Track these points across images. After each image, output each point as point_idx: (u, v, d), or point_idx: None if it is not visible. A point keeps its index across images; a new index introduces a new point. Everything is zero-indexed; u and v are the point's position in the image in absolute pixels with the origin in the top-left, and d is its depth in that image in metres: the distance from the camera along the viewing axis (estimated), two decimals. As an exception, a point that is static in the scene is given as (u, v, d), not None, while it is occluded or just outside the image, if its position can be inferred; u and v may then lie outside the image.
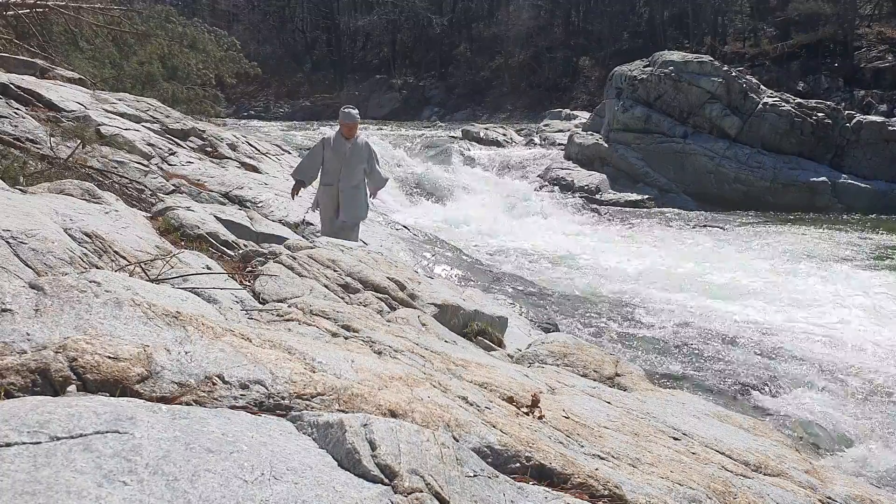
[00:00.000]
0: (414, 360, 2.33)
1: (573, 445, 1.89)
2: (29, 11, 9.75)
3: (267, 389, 1.59)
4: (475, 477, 1.43)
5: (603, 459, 1.85)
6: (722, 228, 13.49)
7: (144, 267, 2.80)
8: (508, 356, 3.55)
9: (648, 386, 3.27)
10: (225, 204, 5.75)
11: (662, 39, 31.50)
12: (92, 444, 1.15)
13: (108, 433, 1.19)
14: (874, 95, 23.10)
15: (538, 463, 1.65)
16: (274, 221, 5.55)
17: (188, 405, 1.45)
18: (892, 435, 4.81)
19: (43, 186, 3.78)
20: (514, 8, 39.12)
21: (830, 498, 2.16)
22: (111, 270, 2.57)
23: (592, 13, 37.90)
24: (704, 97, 17.31)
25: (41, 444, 1.12)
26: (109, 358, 1.50)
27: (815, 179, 16.27)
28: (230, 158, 7.66)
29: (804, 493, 2.10)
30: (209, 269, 3.11)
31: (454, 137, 19.88)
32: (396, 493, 1.29)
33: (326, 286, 3.42)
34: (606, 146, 17.92)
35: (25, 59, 8.65)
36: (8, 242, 2.38)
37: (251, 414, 1.47)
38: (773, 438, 2.66)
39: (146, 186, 5.27)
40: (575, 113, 23.89)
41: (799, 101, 17.62)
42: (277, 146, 9.88)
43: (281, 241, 4.49)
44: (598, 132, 18.79)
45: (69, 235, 2.80)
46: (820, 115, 16.93)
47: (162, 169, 6.19)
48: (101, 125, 6.35)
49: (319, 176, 6.05)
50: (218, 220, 4.41)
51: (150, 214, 4.16)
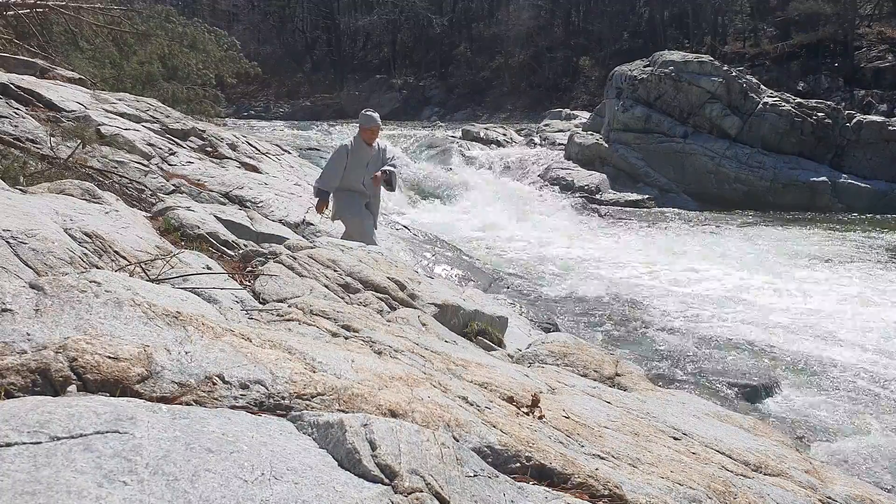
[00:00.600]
0: (414, 360, 2.33)
1: (573, 445, 1.89)
2: (29, 11, 9.75)
3: (267, 389, 1.59)
4: (475, 477, 1.43)
5: (603, 459, 1.85)
6: (721, 228, 13.49)
7: (144, 267, 2.80)
8: (508, 356, 3.55)
9: (648, 386, 3.27)
10: (225, 204, 5.75)
11: (662, 39, 31.50)
12: (92, 444, 1.15)
13: (108, 433, 1.19)
14: (874, 95, 23.09)
15: (538, 463, 1.65)
16: (274, 221, 5.55)
17: (188, 405, 1.45)
18: (892, 435, 4.81)
19: (43, 186, 3.78)
20: (514, 8, 39.13)
21: (830, 498, 2.16)
22: (111, 270, 2.57)
23: (592, 13, 37.90)
24: (704, 97, 17.31)
25: (41, 444, 1.12)
26: (109, 358, 1.50)
27: (815, 179, 16.27)
28: (230, 158, 7.66)
29: (804, 493, 2.10)
30: (209, 269, 3.11)
31: (454, 137, 19.88)
32: (396, 492, 1.29)
33: (326, 286, 3.42)
34: (606, 146, 17.92)
35: (25, 59, 8.65)
36: (8, 242, 2.38)
37: (251, 414, 1.47)
38: (773, 438, 2.66)
39: (146, 186, 5.27)
40: (575, 113, 23.88)
41: (799, 101, 17.62)
42: (277, 146, 9.88)
43: (281, 241, 4.50)
44: (598, 132, 18.79)
45: (69, 235, 2.80)
46: (820, 115, 16.93)
47: (162, 169, 6.19)
48: (101, 125, 6.35)
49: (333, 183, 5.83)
50: (218, 220, 4.41)
51: (150, 214, 4.16)
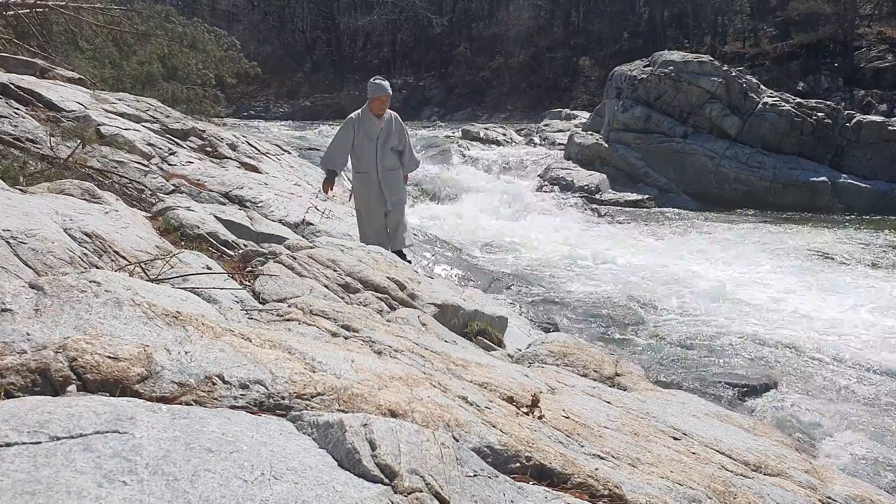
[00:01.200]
0: (414, 359, 2.33)
1: (573, 445, 1.89)
2: (29, 11, 9.75)
3: (267, 389, 1.59)
4: (475, 477, 1.43)
5: (603, 459, 1.85)
6: (721, 228, 13.50)
7: (144, 267, 2.80)
8: (508, 356, 3.55)
9: (648, 386, 3.28)
10: (225, 204, 5.75)
11: (662, 39, 31.49)
12: (92, 443, 1.15)
13: (108, 433, 1.19)
14: (874, 95, 23.08)
15: (538, 463, 1.65)
16: (274, 221, 5.55)
17: (188, 405, 1.45)
18: (892, 434, 4.81)
19: (43, 186, 3.78)
20: (514, 8, 39.12)
21: (830, 498, 2.16)
22: (111, 270, 2.57)
23: (592, 13, 37.89)
24: (704, 97, 17.31)
25: (41, 444, 1.12)
26: (109, 358, 1.50)
27: (815, 179, 16.27)
28: (230, 158, 7.66)
29: (804, 492, 2.10)
30: (209, 269, 3.11)
31: (454, 137, 19.88)
32: (396, 492, 1.29)
33: (326, 286, 3.42)
34: (606, 146, 17.92)
35: (25, 58, 8.64)
36: (8, 242, 2.38)
37: (251, 414, 1.47)
38: (773, 438, 2.66)
39: (146, 186, 5.27)
40: (575, 113, 23.88)
41: (799, 100, 17.61)
42: (277, 146, 9.88)
43: (281, 240, 4.50)
44: (598, 132, 18.78)
45: (69, 235, 2.80)
46: (820, 114, 16.92)
47: (162, 169, 6.19)
48: (101, 125, 6.35)
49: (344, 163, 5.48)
50: (218, 220, 4.41)
51: (150, 214, 4.16)
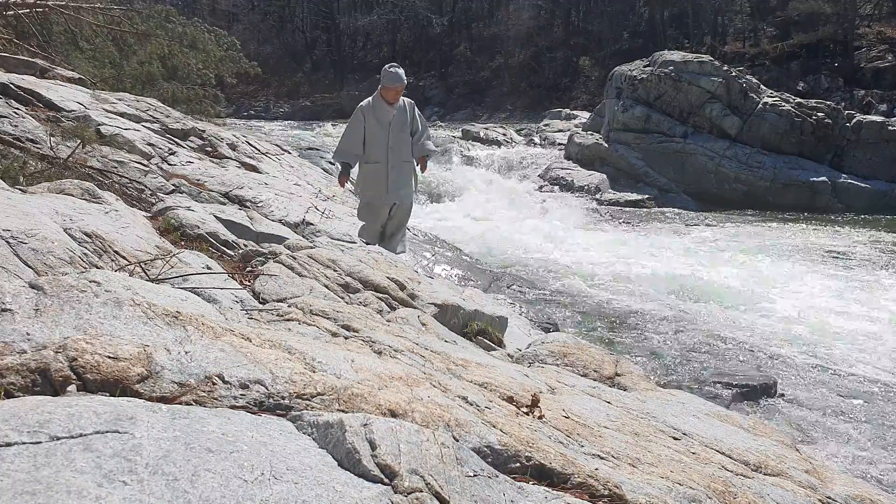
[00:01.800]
0: (414, 359, 2.33)
1: (573, 445, 1.89)
2: (29, 11, 9.75)
3: (267, 389, 1.59)
4: (475, 477, 1.43)
5: (603, 459, 1.85)
6: (721, 228, 13.50)
7: (144, 267, 2.80)
8: (508, 356, 3.55)
9: (648, 386, 3.27)
10: (225, 204, 5.75)
11: (662, 39, 31.48)
12: (92, 443, 1.15)
13: (108, 433, 1.19)
14: (874, 95, 23.08)
15: (538, 463, 1.65)
16: (274, 221, 5.54)
17: (188, 405, 1.45)
18: (892, 434, 4.81)
19: (43, 186, 3.78)
20: (514, 8, 39.10)
21: (830, 498, 2.16)
22: (111, 270, 2.57)
23: (592, 13, 37.88)
24: (704, 97, 17.31)
25: (41, 443, 1.12)
26: (109, 358, 1.50)
27: (815, 179, 16.27)
28: (230, 158, 7.66)
29: (804, 492, 2.10)
30: (209, 268, 3.12)
31: (454, 137, 19.88)
32: (396, 492, 1.29)
33: (326, 286, 3.42)
34: (606, 146, 17.92)
35: (25, 58, 8.64)
36: (8, 242, 2.38)
37: (251, 414, 1.47)
38: (773, 438, 2.66)
39: (146, 186, 5.26)
40: (575, 113, 23.88)
41: (799, 100, 17.62)
42: (277, 146, 9.88)
43: (281, 240, 4.50)
44: (598, 132, 18.79)
45: (69, 235, 2.80)
46: (820, 114, 16.93)
47: (162, 169, 6.19)
48: (101, 125, 6.34)
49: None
50: (218, 219, 4.41)
51: (150, 214, 4.16)
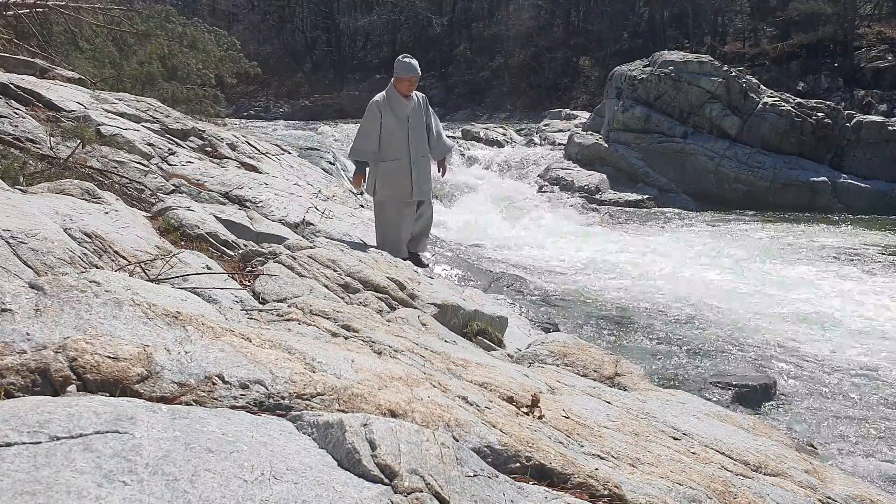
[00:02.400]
0: (414, 359, 2.33)
1: (573, 445, 1.89)
2: (29, 11, 9.74)
3: (267, 389, 1.59)
4: (475, 477, 1.43)
5: (603, 459, 1.85)
6: (721, 228, 13.50)
7: (144, 267, 2.80)
8: (508, 356, 3.55)
9: (648, 386, 3.28)
10: (225, 204, 5.75)
11: (662, 39, 31.47)
12: (92, 443, 1.15)
13: (108, 433, 1.19)
14: (874, 95, 23.07)
15: (538, 463, 1.65)
16: (274, 221, 5.54)
17: (188, 405, 1.45)
18: (892, 434, 4.81)
19: (43, 186, 3.78)
20: (514, 8, 39.09)
21: (830, 498, 2.16)
22: (111, 270, 2.57)
23: (592, 13, 37.86)
24: (704, 97, 17.31)
25: (41, 444, 1.12)
26: (109, 358, 1.50)
27: (815, 179, 16.27)
28: (230, 158, 7.66)
29: (804, 492, 2.10)
30: (209, 268, 3.12)
31: (454, 137, 19.88)
32: (396, 492, 1.29)
33: (326, 286, 3.42)
34: (606, 146, 17.92)
35: (25, 58, 8.64)
36: (8, 242, 2.38)
37: (251, 414, 1.47)
38: (773, 438, 2.66)
39: (146, 186, 5.26)
40: (575, 113, 23.86)
41: (799, 100, 17.61)
42: (277, 146, 9.88)
43: (281, 240, 4.50)
44: (598, 132, 18.78)
45: (69, 235, 2.80)
46: (820, 114, 16.93)
47: (162, 169, 6.18)
48: (101, 125, 6.34)
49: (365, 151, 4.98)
50: (218, 219, 4.41)
51: (150, 214, 4.16)
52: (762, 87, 18.10)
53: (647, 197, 16.36)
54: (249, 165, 7.72)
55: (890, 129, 16.74)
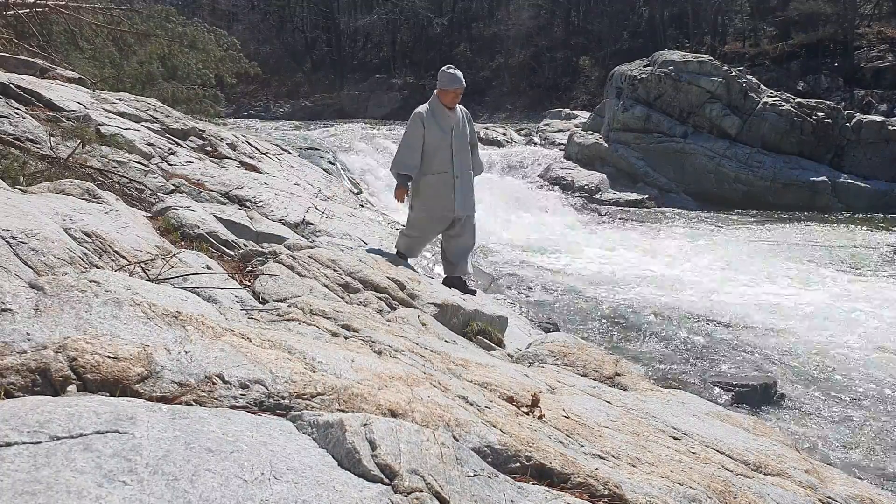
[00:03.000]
0: (414, 359, 2.33)
1: (573, 445, 1.89)
2: (29, 11, 9.74)
3: (267, 389, 1.59)
4: (475, 476, 1.43)
5: (603, 459, 1.85)
6: (721, 228, 13.50)
7: (144, 267, 2.80)
8: (508, 356, 3.55)
9: (648, 386, 3.27)
10: (225, 204, 5.75)
11: (662, 39, 31.47)
12: (92, 443, 1.15)
13: (108, 433, 1.19)
14: (874, 95, 23.06)
15: (538, 462, 1.65)
16: (274, 221, 5.54)
17: (188, 405, 1.45)
18: (891, 434, 4.81)
19: (43, 186, 3.78)
20: (514, 8, 39.07)
21: (830, 498, 2.16)
22: (111, 270, 2.57)
23: (592, 13, 37.86)
24: (704, 97, 17.31)
25: (41, 443, 1.12)
26: (109, 358, 1.50)
27: (815, 179, 16.27)
28: (230, 158, 7.66)
29: (804, 492, 2.10)
30: (209, 268, 3.12)
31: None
32: (396, 492, 1.29)
33: (326, 286, 3.42)
34: (606, 146, 17.92)
35: (25, 58, 8.64)
36: (8, 242, 2.38)
37: (251, 413, 1.47)
38: (773, 438, 2.66)
39: (146, 186, 5.26)
40: (575, 113, 23.87)
41: (799, 100, 17.61)
42: (277, 146, 9.88)
43: (281, 240, 4.50)
44: (598, 132, 18.79)
45: (69, 235, 2.80)
46: (820, 114, 16.93)
47: (162, 169, 6.18)
48: (101, 125, 6.34)
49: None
50: (218, 219, 4.41)
51: (150, 214, 4.16)
52: (762, 86, 18.09)
53: (647, 197, 16.36)
54: (249, 165, 7.72)
55: (890, 128, 16.73)
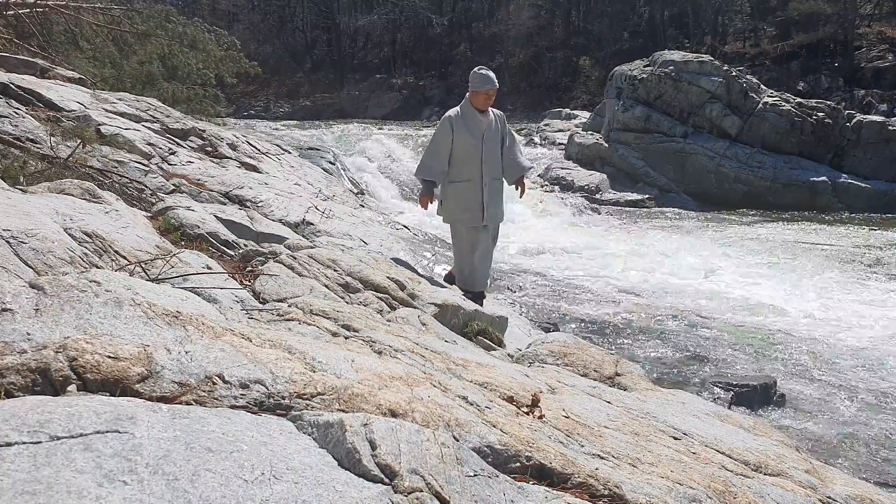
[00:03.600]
0: (414, 359, 2.33)
1: (573, 445, 1.88)
2: (29, 11, 9.75)
3: (267, 389, 1.59)
4: (475, 476, 1.43)
5: (603, 459, 1.85)
6: (721, 228, 13.50)
7: (144, 266, 2.80)
8: (508, 356, 3.55)
9: (648, 386, 3.27)
10: (225, 203, 5.75)
11: (662, 39, 31.47)
12: (92, 443, 1.15)
13: (108, 433, 1.19)
14: (874, 95, 23.05)
15: (538, 462, 1.64)
16: (274, 221, 5.54)
17: (188, 405, 1.45)
18: (892, 434, 4.81)
19: (43, 186, 3.78)
20: (514, 8, 39.07)
21: (830, 498, 2.16)
22: (111, 270, 2.57)
23: (592, 13, 37.86)
24: (704, 97, 17.31)
25: (41, 443, 1.12)
26: (109, 357, 1.50)
27: (815, 179, 16.28)
28: (230, 158, 7.66)
29: (804, 492, 2.10)
30: (209, 268, 3.12)
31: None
32: (396, 492, 1.29)
33: (326, 286, 3.42)
34: (606, 146, 17.93)
35: (25, 58, 8.64)
36: (8, 242, 2.38)
37: (251, 413, 1.47)
38: (773, 438, 2.66)
39: (146, 186, 5.26)
40: (575, 113, 23.87)
41: (799, 100, 17.61)
42: (277, 146, 9.88)
43: (281, 240, 4.50)
44: (598, 132, 18.79)
45: (69, 235, 2.80)
46: (820, 114, 16.93)
47: (162, 168, 6.19)
48: (101, 125, 6.34)
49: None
50: (218, 219, 4.41)
51: (150, 214, 4.16)
52: (762, 86, 18.10)
53: (647, 197, 16.36)
54: (250, 165, 7.72)
55: (890, 128, 16.74)
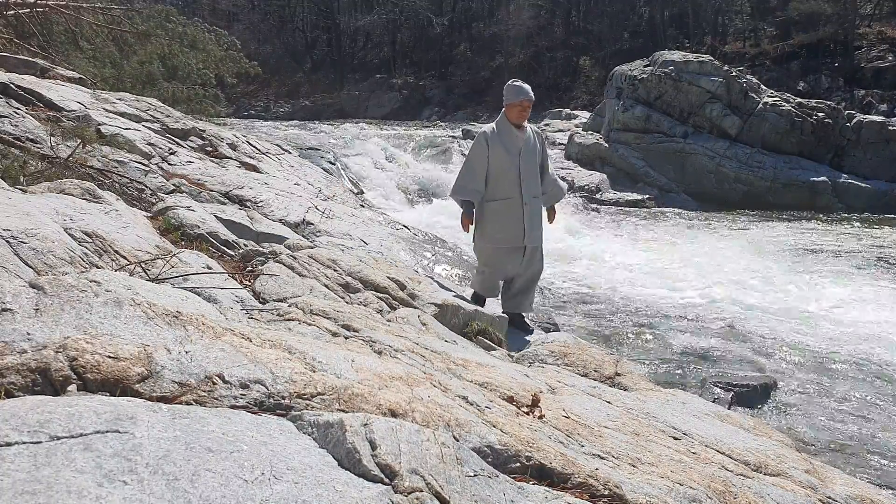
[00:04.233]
0: (414, 359, 2.33)
1: (573, 445, 1.88)
2: (29, 11, 9.75)
3: (267, 389, 1.59)
4: (475, 476, 1.43)
5: (603, 459, 1.85)
6: (721, 228, 13.50)
7: (145, 266, 2.80)
8: (509, 356, 3.55)
9: (648, 386, 3.28)
10: (225, 203, 5.75)
11: (662, 39, 31.48)
12: (92, 443, 1.15)
13: (108, 433, 1.19)
14: (874, 95, 23.06)
15: (538, 463, 1.64)
16: (274, 221, 5.54)
17: (188, 405, 1.45)
18: (891, 434, 4.81)
19: (43, 186, 3.78)
20: (514, 8, 39.07)
21: (830, 498, 2.16)
22: (111, 270, 2.57)
23: (592, 13, 37.88)
24: (704, 97, 17.31)
25: (41, 443, 1.12)
26: (110, 357, 1.50)
27: (815, 179, 16.28)
28: (230, 158, 7.66)
29: (804, 492, 2.10)
30: (209, 268, 3.12)
31: (454, 137, 19.86)
32: (397, 492, 1.29)
33: (326, 286, 3.42)
34: (606, 146, 17.93)
35: (26, 58, 8.64)
36: (8, 242, 2.38)
37: (251, 413, 1.47)
38: (773, 438, 2.66)
39: (146, 186, 5.26)
40: (575, 113, 23.88)
41: (799, 100, 17.62)
42: (277, 146, 9.88)
43: (281, 240, 4.50)
44: (598, 132, 18.79)
45: (69, 235, 2.80)
46: (820, 114, 16.93)
47: (162, 168, 6.18)
48: (101, 125, 6.34)
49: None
50: (218, 219, 4.41)
51: (150, 214, 4.16)
52: (762, 86, 18.10)
53: (647, 197, 16.37)
54: (250, 165, 7.72)
55: (890, 128, 16.74)
